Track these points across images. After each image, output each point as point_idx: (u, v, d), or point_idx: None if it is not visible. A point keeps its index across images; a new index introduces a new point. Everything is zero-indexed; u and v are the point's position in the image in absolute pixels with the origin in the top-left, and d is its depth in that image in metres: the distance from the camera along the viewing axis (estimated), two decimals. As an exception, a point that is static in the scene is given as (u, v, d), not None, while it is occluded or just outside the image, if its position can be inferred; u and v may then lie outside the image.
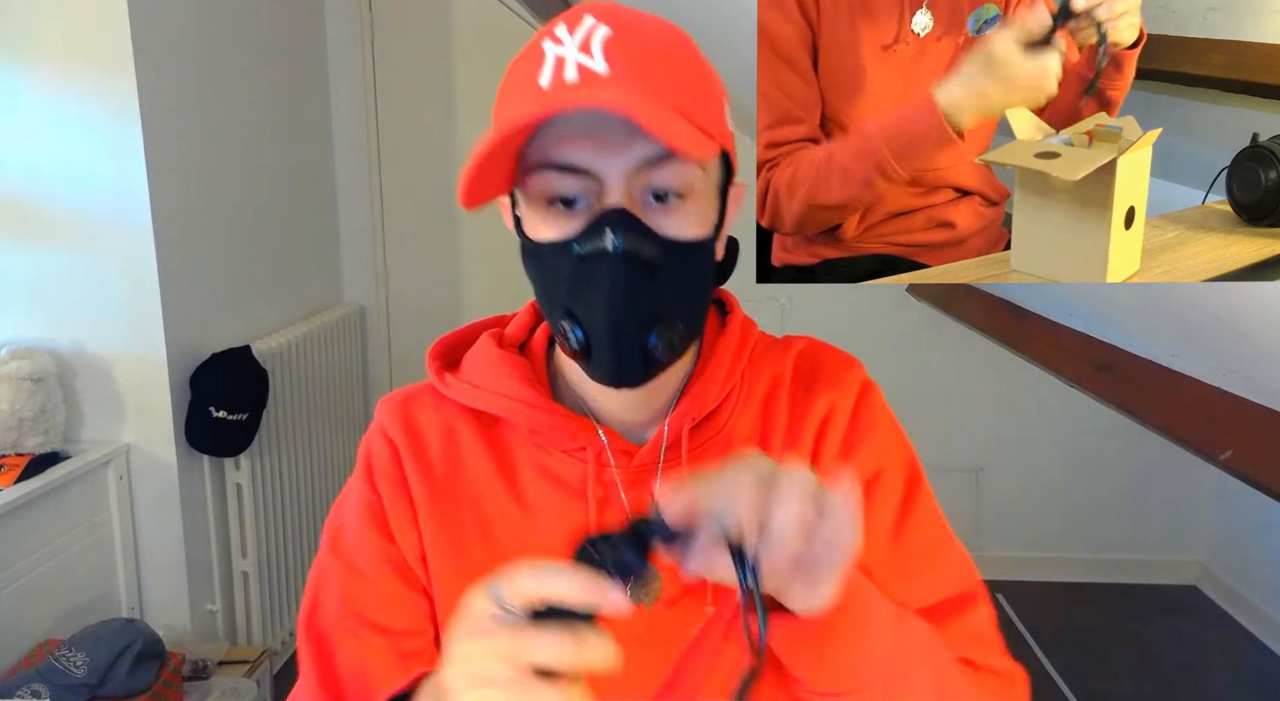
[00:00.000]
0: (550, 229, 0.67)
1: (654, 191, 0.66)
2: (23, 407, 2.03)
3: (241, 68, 2.56)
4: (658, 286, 0.66)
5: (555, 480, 0.77)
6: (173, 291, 2.22)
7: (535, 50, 0.67)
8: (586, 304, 0.66)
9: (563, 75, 0.65)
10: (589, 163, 0.65)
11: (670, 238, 0.67)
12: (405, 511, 0.78)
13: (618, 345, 0.67)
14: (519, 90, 0.67)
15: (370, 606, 0.77)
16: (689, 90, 0.67)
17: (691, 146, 0.62)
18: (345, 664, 0.76)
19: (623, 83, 0.64)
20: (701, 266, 0.71)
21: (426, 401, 0.81)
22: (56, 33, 2.07)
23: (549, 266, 0.68)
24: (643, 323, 0.67)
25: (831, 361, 0.83)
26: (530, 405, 0.75)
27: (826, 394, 0.80)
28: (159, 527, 2.31)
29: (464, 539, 0.77)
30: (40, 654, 1.97)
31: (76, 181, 2.13)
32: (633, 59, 0.65)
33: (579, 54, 0.65)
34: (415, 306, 3.30)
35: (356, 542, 0.78)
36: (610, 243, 0.64)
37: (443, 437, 0.80)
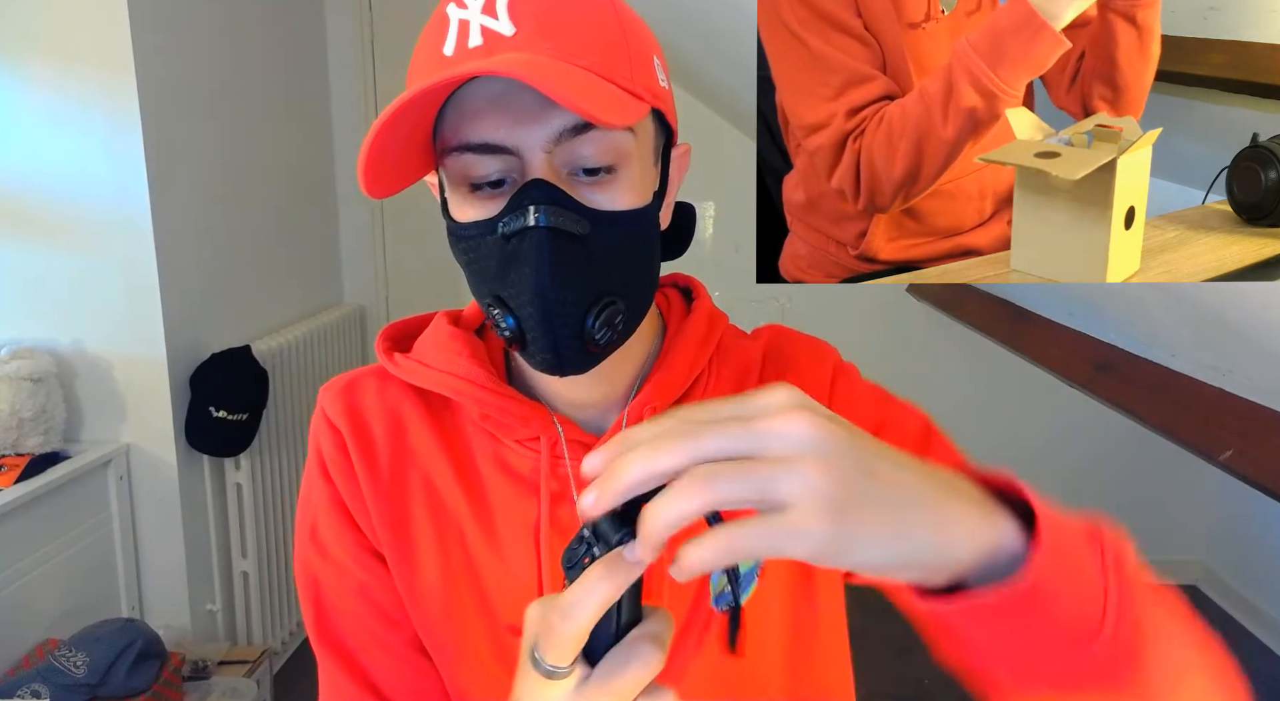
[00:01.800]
0: (474, 209, 0.62)
1: (581, 166, 0.60)
2: (23, 407, 2.03)
3: (242, 68, 2.56)
4: (590, 263, 0.61)
5: (508, 471, 0.73)
6: (172, 291, 2.22)
7: (440, 17, 0.61)
8: (514, 287, 0.61)
9: (466, 41, 0.59)
10: (504, 139, 0.59)
11: (599, 210, 0.61)
12: (359, 501, 0.74)
13: (551, 330, 0.61)
14: (423, 62, 0.62)
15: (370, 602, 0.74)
16: (607, 46, 0.60)
17: (610, 112, 0.55)
18: (373, 667, 0.74)
19: (530, 43, 0.58)
20: (641, 238, 0.65)
21: (370, 386, 0.76)
22: (56, 33, 2.07)
23: (474, 249, 0.63)
24: (577, 303, 0.61)
25: (802, 345, 0.79)
26: (479, 385, 0.70)
27: (798, 372, 0.76)
28: (159, 527, 2.31)
29: (416, 529, 0.73)
30: (40, 653, 1.97)
31: (76, 181, 2.13)
32: (541, 16, 0.59)
33: (483, 16, 0.59)
34: (415, 306, 3.22)
35: (335, 537, 0.75)
36: (532, 217, 0.58)
37: (388, 424, 0.75)
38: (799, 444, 0.40)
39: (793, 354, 0.78)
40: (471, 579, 0.72)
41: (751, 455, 0.40)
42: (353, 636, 0.74)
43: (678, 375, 0.72)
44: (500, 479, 0.73)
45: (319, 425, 0.76)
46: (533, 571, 0.71)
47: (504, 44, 0.58)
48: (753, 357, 0.77)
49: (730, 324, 0.79)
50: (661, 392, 0.71)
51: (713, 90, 2.70)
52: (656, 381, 0.72)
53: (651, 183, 0.65)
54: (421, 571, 0.73)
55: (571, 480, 0.71)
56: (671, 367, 0.72)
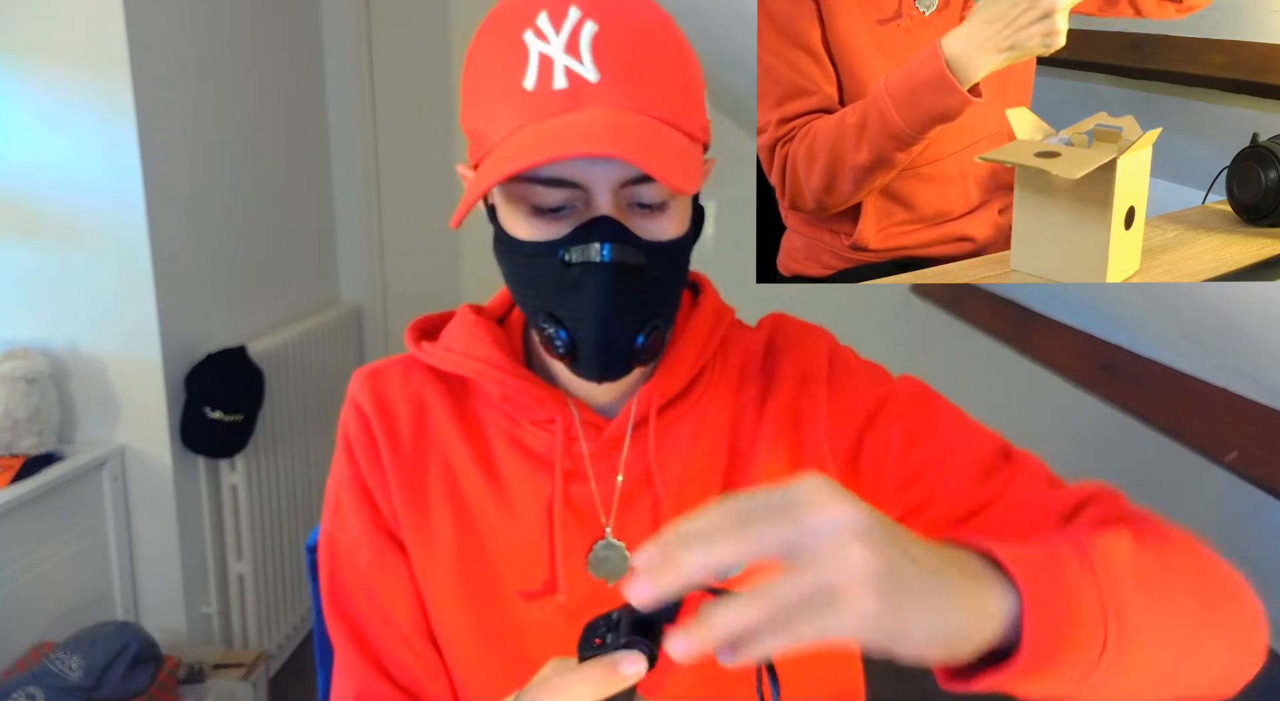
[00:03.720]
0: (533, 230, 0.67)
1: (639, 201, 0.66)
2: (17, 408, 2.02)
3: (238, 67, 2.55)
4: (644, 291, 0.67)
5: (524, 450, 0.78)
6: (168, 291, 2.21)
7: (515, 44, 0.63)
8: (573, 310, 0.66)
9: (550, 81, 0.62)
10: (575, 175, 0.63)
11: (654, 241, 0.67)
12: (381, 481, 0.80)
13: (607, 351, 0.67)
14: (502, 92, 0.64)
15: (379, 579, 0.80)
16: (680, 93, 0.66)
17: (688, 184, 0.61)
18: (376, 641, 0.80)
19: (615, 95, 0.62)
20: (682, 262, 0.72)
21: (396, 373, 0.83)
22: (51, 32, 2.05)
23: (530, 266, 0.68)
24: (632, 328, 0.67)
25: (797, 329, 0.85)
26: (500, 369, 0.76)
27: (795, 357, 0.82)
28: (154, 529, 2.30)
29: (431, 508, 0.79)
30: (35, 656, 1.96)
31: (71, 181, 2.12)
32: (623, 63, 0.63)
33: (566, 56, 0.62)
34: (413, 306, 3.24)
35: (354, 515, 0.81)
36: (598, 254, 0.64)
37: (411, 408, 0.81)
38: (844, 531, 0.43)
39: (790, 341, 0.83)
40: (483, 551, 0.78)
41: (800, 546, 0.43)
42: (361, 611, 0.80)
43: (684, 366, 0.78)
44: (515, 457, 0.79)
45: (347, 409, 0.83)
46: (544, 542, 0.77)
47: (589, 92, 0.62)
48: (755, 348, 0.83)
49: (735, 317, 0.85)
50: (669, 382, 0.77)
51: (713, 87, 2.69)
52: (665, 370, 0.77)
53: (689, 207, 0.72)
54: (437, 544, 0.79)
55: (586, 459, 0.77)
56: (679, 359, 0.78)
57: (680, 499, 0.79)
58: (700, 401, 0.80)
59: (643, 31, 0.65)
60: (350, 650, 0.80)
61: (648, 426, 0.77)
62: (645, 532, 0.78)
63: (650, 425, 0.77)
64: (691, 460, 0.79)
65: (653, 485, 0.78)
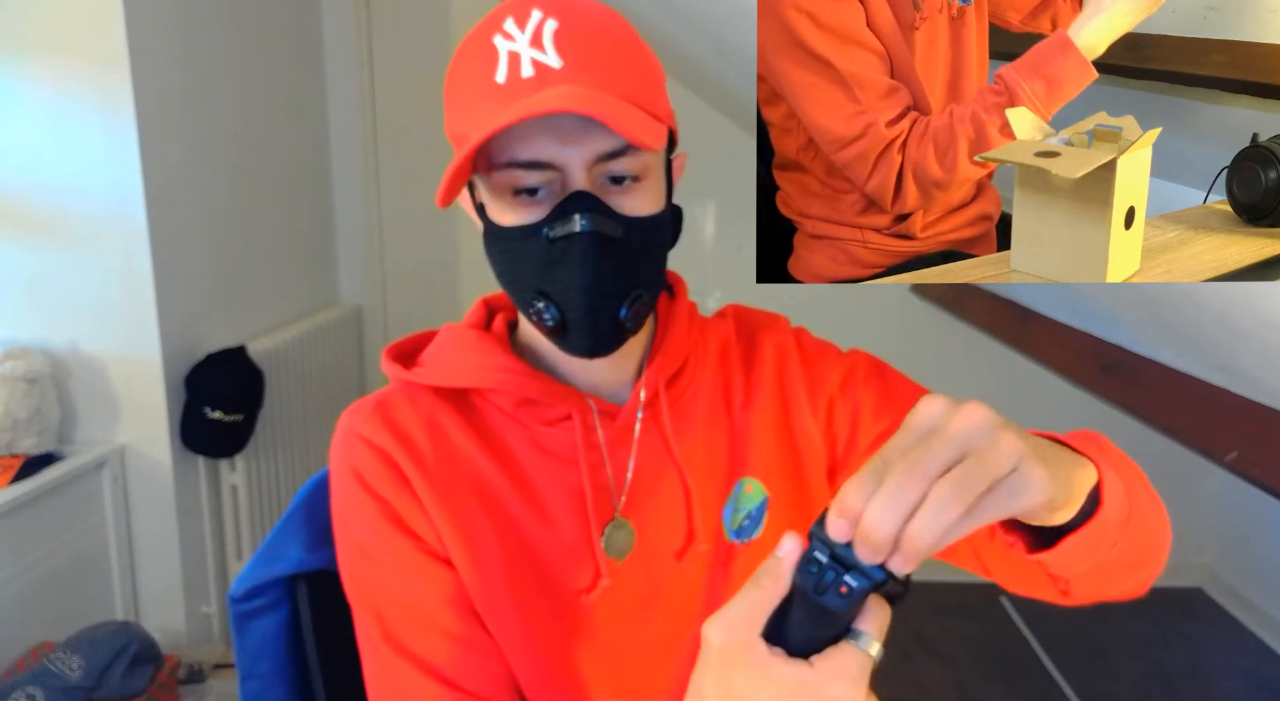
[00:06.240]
0: (517, 214, 0.71)
1: (611, 176, 0.71)
2: (17, 408, 2.02)
3: (237, 66, 2.55)
4: (624, 262, 0.71)
5: (544, 451, 0.81)
6: (168, 291, 2.21)
7: (486, 48, 0.70)
8: (560, 283, 0.71)
9: (519, 72, 0.68)
10: (552, 157, 0.69)
11: (631, 215, 0.71)
12: (416, 509, 0.78)
13: (593, 320, 0.71)
14: (477, 91, 0.70)
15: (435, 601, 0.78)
16: (638, 77, 0.71)
17: (651, 139, 0.66)
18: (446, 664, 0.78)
19: (578, 76, 0.68)
20: (659, 239, 0.76)
21: (400, 401, 0.82)
22: (51, 30, 2.05)
23: (518, 249, 0.72)
24: (614, 296, 0.72)
25: (762, 317, 0.93)
26: (521, 374, 0.80)
27: (768, 338, 0.89)
28: (154, 529, 2.30)
29: (473, 524, 0.79)
30: (35, 656, 1.96)
31: (71, 180, 2.12)
32: (583, 51, 0.69)
33: (532, 49, 0.68)
34: (412, 306, 3.28)
35: (388, 550, 0.78)
36: (578, 224, 0.68)
37: (429, 432, 0.81)
38: (986, 427, 0.49)
39: (759, 324, 0.92)
40: (528, 554, 0.80)
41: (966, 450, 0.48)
42: (424, 638, 0.77)
43: (675, 353, 0.84)
44: (538, 458, 0.81)
45: (353, 448, 0.80)
46: (583, 532, 0.80)
47: (554, 76, 0.68)
48: (728, 335, 0.90)
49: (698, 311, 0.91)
50: (665, 367, 0.83)
51: (713, 88, 2.69)
52: (666, 353, 0.83)
53: (663, 189, 0.76)
54: (485, 558, 0.79)
55: (603, 449, 0.81)
56: (670, 348, 0.83)
57: (695, 473, 0.83)
58: (691, 384, 0.86)
59: (599, 26, 0.71)
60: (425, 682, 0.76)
61: (655, 408, 0.83)
62: (663, 509, 0.82)
63: (662, 400, 0.82)
64: (695, 436, 0.85)
65: (673, 459, 0.83)
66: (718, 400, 0.87)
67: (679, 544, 0.82)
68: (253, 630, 0.88)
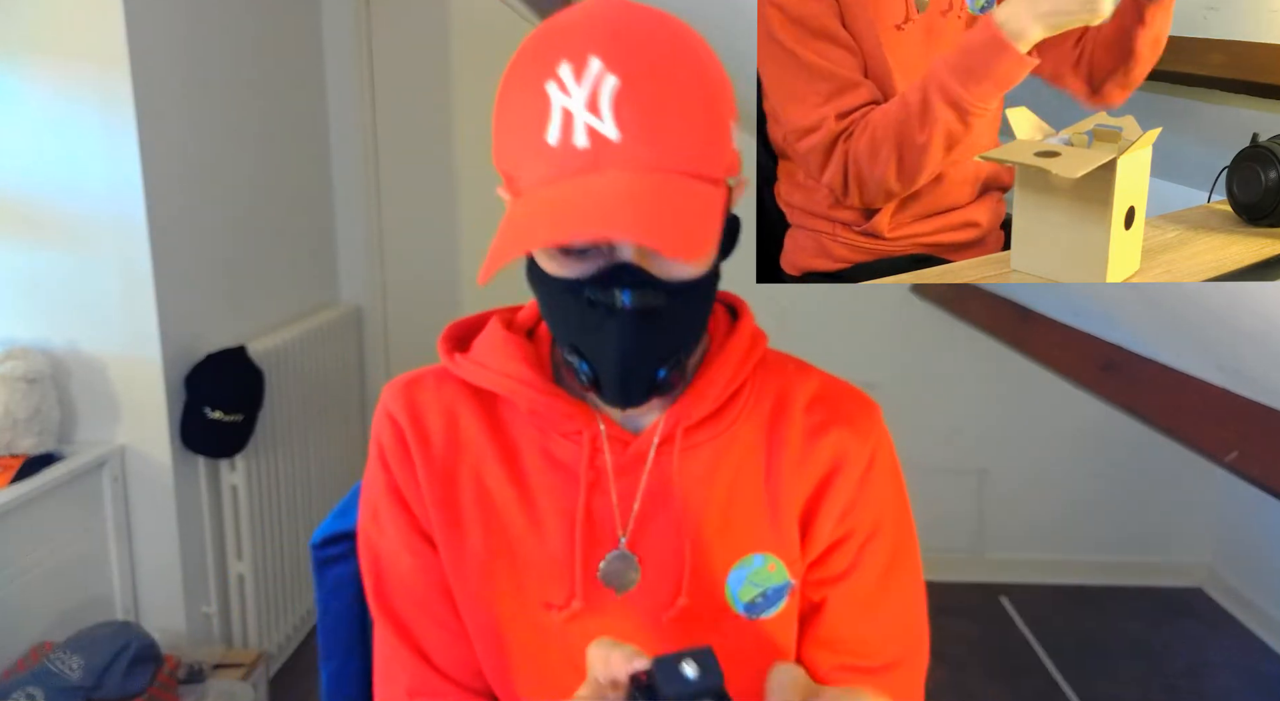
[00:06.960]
0: (560, 267, 0.69)
1: None
2: (17, 408, 2.02)
3: (237, 66, 2.55)
4: (665, 329, 0.69)
5: (553, 461, 0.81)
6: (168, 291, 2.21)
7: (538, 94, 0.64)
8: (595, 348, 0.69)
9: (571, 137, 0.63)
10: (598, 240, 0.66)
11: (677, 280, 0.68)
12: (415, 489, 0.82)
13: (627, 386, 0.70)
14: (527, 143, 0.66)
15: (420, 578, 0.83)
16: (701, 140, 0.66)
17: (697, 250, 0.61)
18: (423, 635, 0.83)
19: (636, 150, 0.63)
20: (706, 295, 0.73)
21: (430, 384, 0.85)
22: (51, 31, 2.05)
23: (557, 299, 0.70)
24: (652, 364, 0.70)
25: (850, 400, 0.85)
26: (531, 387, 0.79)
27: (842, 433, 0.82)
28: (154, 529, 2.30)
29: (462, 516, 0.81)
30: (35, 656, 1.96)
31: (71, 180, 2.12)
32: (642, 118, 0.63)
33: (587, 113, 0.63)
34: (412, 306, 3.28)
35: (391, 521, 0.83)
36: (620, 300, 0.66)
37: (444, 419, 0.83)
38: None
39: (843, 415, 0.84)
40: (510, 557, 0.81)
41: None
42: (405, 607, 0.84)
43: (715, 390, 0.79)
44: (544, 467, 0.81)
45: (380, 419, 0.85)
46: (568, 549, 0.79)
47: (610, 153, 0.63)
48: (797, 395, 0.83)
49: (771, 348, 0.85)
50: (698, 404, 0.79)
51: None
52: (696, 392, 0.79)
53: (717, 236, 0.68)
54: (466, 549, 0.81)
55: (609, 471, 0.79)
56: (711, 381, 0.79)
57: (699, 518, 0.80)
58: (730, 428, 0.82)
59: (664, 82, 0.64)
60: (401, 648, 0.83)
61: (672, 444, 0.79)
62: (661, 547, 0.80)
63: (675, 444, 0.79)
64: (715, 487, 0.81)
65: (672, 502, 0.80)
66: (757, 458, 0.82)
67: (666, 594, 0.80)
68: (328, 574, 0.98)
